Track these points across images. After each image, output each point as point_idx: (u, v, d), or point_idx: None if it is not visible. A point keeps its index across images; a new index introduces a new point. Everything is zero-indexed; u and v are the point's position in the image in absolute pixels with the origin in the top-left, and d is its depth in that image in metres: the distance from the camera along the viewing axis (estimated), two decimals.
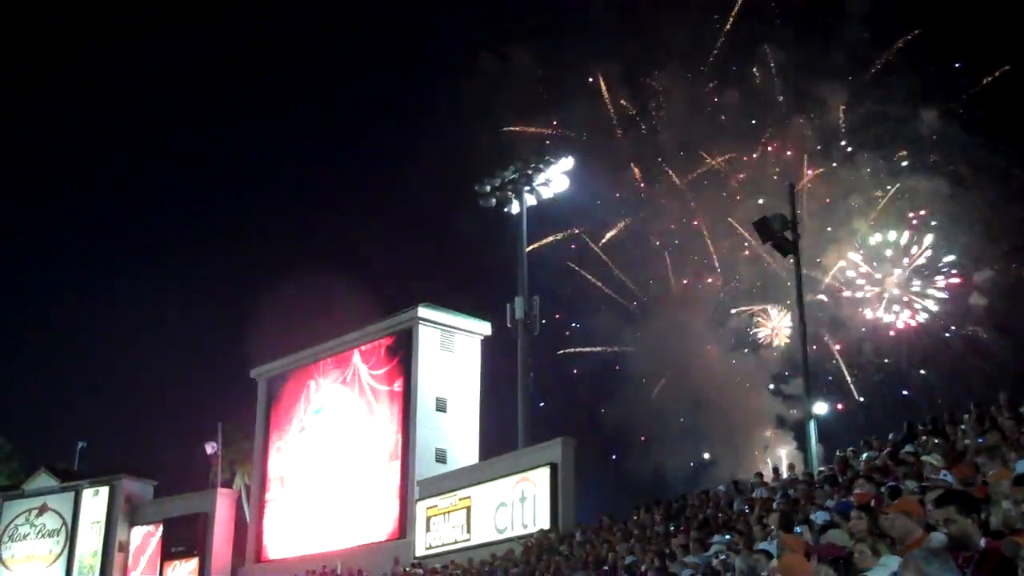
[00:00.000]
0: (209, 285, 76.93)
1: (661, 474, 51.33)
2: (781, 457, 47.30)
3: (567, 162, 39.16)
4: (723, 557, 15.22)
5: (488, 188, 39.09)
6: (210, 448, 45.26)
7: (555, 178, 38.79)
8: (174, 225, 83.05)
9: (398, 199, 65.53)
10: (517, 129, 55.07)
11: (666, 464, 51.57)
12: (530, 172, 38.49)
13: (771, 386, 53.55)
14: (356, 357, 39.80)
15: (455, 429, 37.15)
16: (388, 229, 69.57)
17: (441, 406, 37.12)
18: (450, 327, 38.33)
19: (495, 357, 39.33)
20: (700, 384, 53.17)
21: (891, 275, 51.10)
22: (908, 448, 16.69)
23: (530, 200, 39.02)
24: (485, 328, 38.96)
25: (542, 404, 36.16)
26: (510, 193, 38.82)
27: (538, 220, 42.20)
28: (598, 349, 55.73)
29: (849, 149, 51.96)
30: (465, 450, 36.87)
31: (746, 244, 52.62)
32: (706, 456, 53.09)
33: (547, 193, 39.05)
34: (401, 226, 67.24)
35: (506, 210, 39.46)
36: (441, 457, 36.42)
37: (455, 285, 57.07)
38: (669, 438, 52.61)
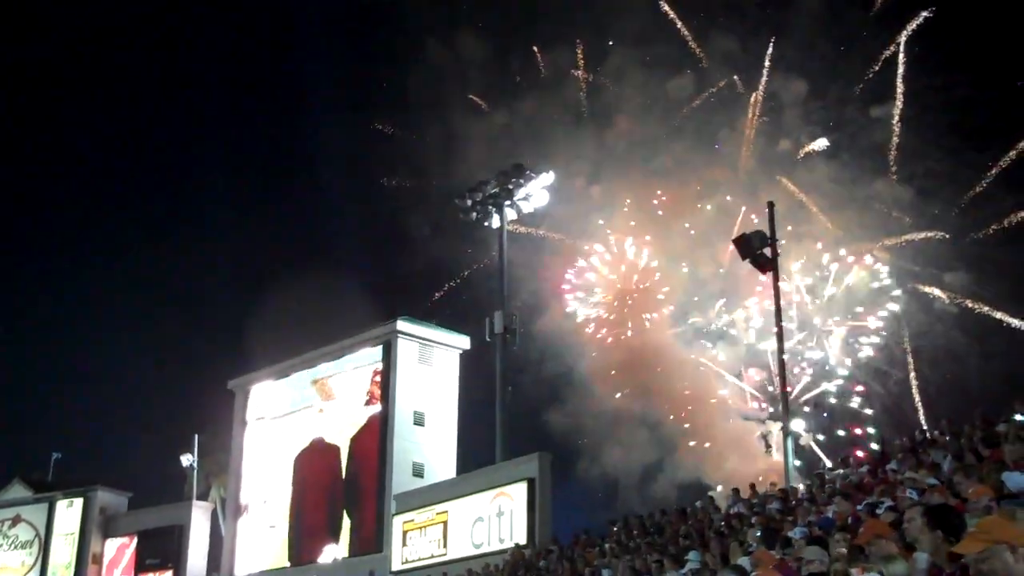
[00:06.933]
0: (187, 296, 76.54)
1: (614, 478, 51.00)
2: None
3: (547, 177, 39.25)
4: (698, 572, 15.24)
5: (469, 202, 39.13)
6: (186, 460, 45.03)
7: (535, 192, 38.89)
8: (151, 236, 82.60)
9: (376, 211, 65.36)
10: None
11: (620, 468, 51.24)
12: (511, 187, 38.54)
13: (733, 382, 53.32)
14: (333, 370, 39.67)
15: (433, 443, 37.06)
16: (366, 242, 69.41)
17: (419, 420, 37.03)
18: (429, 340, 38.27)
19: (474, 371, 39.32)
20: (658, 381, 53.08)
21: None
22: (890, 466, 16.80)
23: (510, 214, 39.13)
24: (464, 342, 38.93)
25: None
26: (491, 207, 38.85)
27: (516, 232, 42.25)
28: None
29: (806, 151, 51.79)
30: (442, 464, 36.79)
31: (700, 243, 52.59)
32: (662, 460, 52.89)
33: (527, 207, 39.15)
34: (380, 239, 67.08)
35: (487, 224, 39.53)
36: (418, 471, 36.32)
37: (434, 298, 56.93)
38: (623, 440, 52.25)
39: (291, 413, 40.56)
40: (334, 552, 36.85)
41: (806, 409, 49.16)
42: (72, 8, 77.15)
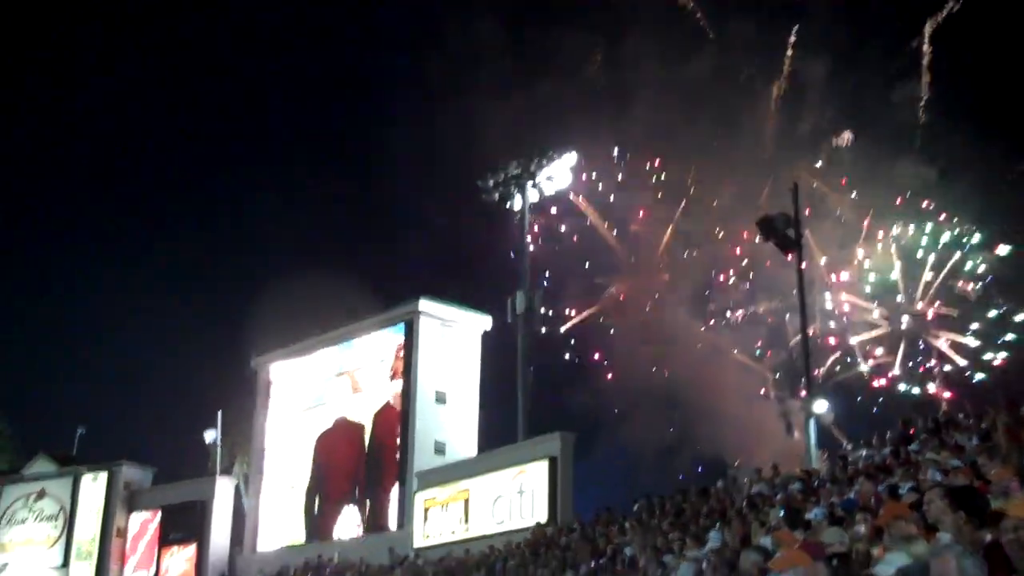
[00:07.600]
0: (210, 272, 76.96)
1: (635, 456, 51.24)
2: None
3: (570, 157, 39.22)
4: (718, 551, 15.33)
5: (491, 183, 39.17)
6: (209, 436, 45.29)
7: (558, 173, 38.87)
8: (174, 212, 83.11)
9: (400, 190, 65.59)
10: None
11: (640, 445, 51.45)
12: (533, 168, 38.53)
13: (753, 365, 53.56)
14: (355, 348, 39.88)
15: (454, 422, 37.24)
16: (390, 220, 69.65)
17: (441, 398, 37.19)
18: (451, 320, 38.39)
19: (496, 350, 39.43)
20: (678, 362, 53.33)
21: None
22: (913, 447, 16.82)
23: (533, 195, 39.13)
24: (486, 322, 39.00)
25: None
26: (513, 188, 38.87)
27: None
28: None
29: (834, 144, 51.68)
30: (464, 442, 36.97)
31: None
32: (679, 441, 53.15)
33: (550, 189, 39.15)
34: (403, 218, 67.34)
35: (508, 205, 39.54)
36: (440, 449, 36.51)
37: (457, 278, 57.17)
38: (644, 417, 52.48)
39: (318, 406, 40.68)
40: (355, 529, 37.15)
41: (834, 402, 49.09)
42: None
